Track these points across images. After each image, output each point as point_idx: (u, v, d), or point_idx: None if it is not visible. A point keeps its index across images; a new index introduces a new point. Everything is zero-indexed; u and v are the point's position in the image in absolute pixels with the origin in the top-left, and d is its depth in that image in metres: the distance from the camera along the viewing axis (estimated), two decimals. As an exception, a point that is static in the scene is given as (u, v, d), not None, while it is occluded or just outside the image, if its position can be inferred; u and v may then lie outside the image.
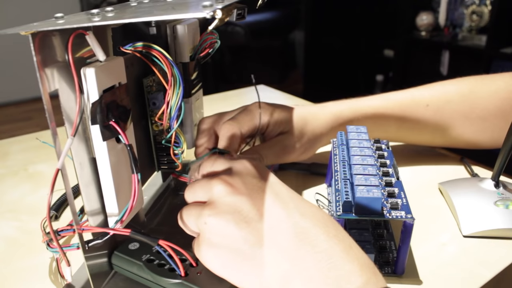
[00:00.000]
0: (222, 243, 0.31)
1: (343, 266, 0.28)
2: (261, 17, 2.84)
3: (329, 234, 0.30)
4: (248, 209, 0.31)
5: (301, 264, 0.29)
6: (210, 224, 0.31)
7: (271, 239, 0.30)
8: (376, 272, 0.29)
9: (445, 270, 0.40)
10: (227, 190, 0.32)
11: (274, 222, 0.30)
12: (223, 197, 0.32)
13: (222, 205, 0.31)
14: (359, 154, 0.42)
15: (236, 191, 0.32)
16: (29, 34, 0.27)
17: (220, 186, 0.32)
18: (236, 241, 0.30)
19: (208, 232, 0.32)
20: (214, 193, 0.32)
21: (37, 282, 0.40)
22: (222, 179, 0.32)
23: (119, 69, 0.35)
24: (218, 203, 0.32)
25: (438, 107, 0.54)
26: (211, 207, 0.32)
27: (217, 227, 0.31)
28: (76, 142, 0.32)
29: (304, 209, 0.31)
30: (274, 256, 0.30)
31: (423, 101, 0.54)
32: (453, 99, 0.54)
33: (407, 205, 0.38)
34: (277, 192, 0.32)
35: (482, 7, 2.16)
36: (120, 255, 0.37)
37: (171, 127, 0.41)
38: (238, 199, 0.31)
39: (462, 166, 0.59)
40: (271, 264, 0.30)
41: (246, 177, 0.33)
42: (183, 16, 0.27)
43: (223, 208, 0.31)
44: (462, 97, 0.54)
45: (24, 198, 0.56)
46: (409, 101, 0.54)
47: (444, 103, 0.54)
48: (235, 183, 0.32)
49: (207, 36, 0.48)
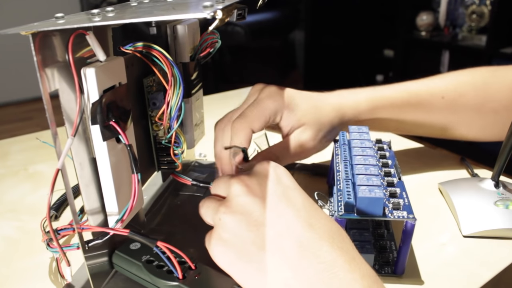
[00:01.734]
0: (231, 242, 0.32)
1: (344, 276, 0.28)
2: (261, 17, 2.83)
3: (333, 246, 0.30)
4: (260, 213, 0.31)
5: (303, 273, 0.29)
6: (224, 221, 0.32)
7: (276, 246, 0.30)
8: (377, 281, 0.29)
9: (445, 270, 0.40)
10: (243, 190, 0.32)
11: (282, 229, 0.31)
12: (238, 196, 0.32)
13: (237, 204, 0.32)
14: (361, 154, 0.42)
15: (252, 193, 0.32)
16: (30, 34, 0.27)
17: (237, 186, 0.33)
18: (244, 243, 0.31)
19: (221, 228, 0.32)
20: (231, 191, 0.33)
21: (37, 282, 0.40)
22: (241, 180, 0.33)
23: (119, 69, 0.35)
24: (233, 202, 0.33)
25: (453, 99, 0.52)
26: (226, 205, 0.33)
27: (229, 225, 0.32)
28: (76, 142, 0.32)
29: (314, 219, 0.31)
30: (278, 263, 0.30)
31: (438, 94, 0.52)
32: (467, 92, 0.53)
33: (409, 205, 0.38)
34: (291, 199, 0.32)
35: (482, 7, 2.16)
36: (121, 254, 0.37)
37: (171, 127, 0.41)
38: (252, 201, 0.32)
39: (462, 166, 0.59)
40: (274, 270, 0.30)
41: (263, 180, 0.33)
42: (184, 16, 0.27)
43: (237, 208, 0.32)
44: (475, 90, 0.53)
45: (24, 198, 0.56)
46: (425, 93, 0.52)
47: (459, 96, 0.52)
48: (252, 184, 0.33)
49: (207, 36, 0.48)
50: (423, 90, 0.53)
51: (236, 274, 0.32)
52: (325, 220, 0.32)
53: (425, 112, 0.53)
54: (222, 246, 0.32)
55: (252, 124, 0.43)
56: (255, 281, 0.31)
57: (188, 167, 0.56)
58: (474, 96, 0.53)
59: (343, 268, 0.29)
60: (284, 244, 0.30)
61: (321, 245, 0.30)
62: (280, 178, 0.34)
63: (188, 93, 0.48)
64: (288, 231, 0.30)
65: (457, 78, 0.54)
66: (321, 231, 0.31)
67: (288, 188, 0.33)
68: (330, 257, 0.29)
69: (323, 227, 0.31)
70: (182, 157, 0.44)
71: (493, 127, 0.54)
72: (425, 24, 2.36)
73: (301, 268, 0.29)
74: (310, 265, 0.29)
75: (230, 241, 0.32)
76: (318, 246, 0.30)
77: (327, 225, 0.31)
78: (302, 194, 0.33)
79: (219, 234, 0.32)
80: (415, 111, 0.53)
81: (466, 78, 0.54)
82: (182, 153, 0.44)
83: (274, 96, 0.46)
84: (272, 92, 0.46)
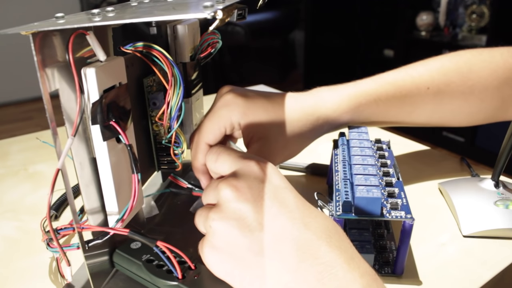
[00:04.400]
0: (225, 250, 0.31)
1: (343, 276, 0.28)
2: (261, 17, 2.84)
3: (331, 246, 0.29)
4: (253, 218, 0.30)
5: (302, 276, 0.29)
6: (214, 228, 0.31)
7: (273, 250, 0.30)
8: (376, 279, 0.29)
9: (444, 270, 0.40)
10: (233, 195, 0.31)
11: (277, 233, 0.30)
12: (228, 202, 0.31)
13: (228, 210, 0.31)
14: (359, 154, 0.42)
15: (242, 197, 0.31)
16: (30, 34, 0.27)
17: (226, 191, 0.31)
18: (239, 249, 0.30)
19: (212, 236, 0.32)
20: (221, 196, 0.32)
21: (37, 282, 0.40)
22: (229, 183, 0.32)
23: (120, 69, 0.35)
24: (223, 208, 0.31)
25: (438, 89, 0.50)
26: (216, 211, 0.32)
27: (221, 232, 0.31)
28: (76, 142, 0.32)
29: (309, 219, 0.31)
30: (276, 267, 0.30)
31: (423, 84, 0.50)
32: (452, 80, 0.51)
33: (407, 205, 0.38)
34: (283, 200, 0.31)
35: (482, 7, 2.16)
36: (121, 253, 0.37)
37: (171, 127, 0.41)
38: (244, 206, 0.31)
39: (462, 166, 0.59)
40: (273, 276, 0.30)
41: (253, 181, 0.32)
42: (184, 16, 0.27)
43: (228, 214, 0.31)
44: (461, 77, 0.51)
45: (24, 198, 0.56)
46: (410, 84, 0.50)
47: (444, 85, 0.50)
48: (241, 187, 0.31)
49: (208, 36, 0.48)
50: (408, 82, 0.50)
51: (234, 282, 0.31)
52: (320, 218, 0.31)
53: (410, 104, 0.50)
54: (216, 255, 0.31)
55: (207, 137, 0.42)
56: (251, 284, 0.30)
57: (188, 167, 0.56)
58: (460, 85, 0.51)
59: (342, 268, 0.28)
60: (281, 248, 0.30)
61: (319, 246, 0.29)
62: (269, 177, 0.32)
63: (188, 93, 0.48)
64: (284, 234, 0.30)
65: (442, 65, 0.52)
66: (318, 231, 0.30)
67: (279, 188, 0.32)
68: (328, 258, 0.29)
69: (320, 226, 0.31)
70: (182, 157, 0.44)
71: (478, 114, 0.53)
72: (425, 24, 2.36)
73: (300, 271, 0.29)
74: (309, 267, 0.29)
75: (224, 249, 0.31)
76: (316, 247, 0.29)
77: (323, 224, 0.31)
78: (293, 193, 0.32)
79: (210, 242, 0.31)
80: (400, 104, 0.50)
81: (451, 65, 0.51)
82: (182, 153, 0.44)
83: (230, 105, 0.42)
84: (229, 100, 0.42)
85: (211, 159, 0.36)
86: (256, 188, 0.31)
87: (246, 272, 0.30)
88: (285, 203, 0.31)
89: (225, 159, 0.35)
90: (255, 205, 0.31)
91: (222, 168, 0.35)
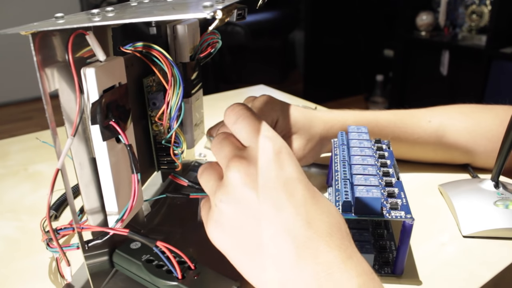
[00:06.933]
0: (229, 231, 0.31)
1: (340, 276, 0.28)
2: (261, 17, 2.84)
3: (331, 245, 0.29)
4: (257, 208, 0.30)
5: (299, 274, 0.29)
6: (220, 208, 0.31)
7: (274, 245, 0.30)
8: (374, 278, 0.29)
9: (444, 270, 0.40)
10: (242, 180, 0.30)
11: (279, 228, 0.30)
12: (237, 186, 0.31)
13: (235, 194, 0.31)
14: (359, 154, 0.42)
15: (250, 184, 0.30)
16: (29, 34, 0.27)
17: (235, 174, 0.31)
18: (242, 235, 0.31)
19: (218, 214, 0.32)
20: (229, 176, 0.31)
21: (37, 282, 0.40)
22: (239, 166, 0.31)
23: (119, 69, 0.35)
24: (230, 189, 0.31)
25: (440, 122, 0.56)
26: (224, 192, 0.31)
27: (226, 214, 0.31)
28: (76, 142, 0.32)
29: (313, 215, 0.31)
30: (274, 262, 0.30)
31: (425, 117, 0.56)
32: (455, 116, 0.56)
33: (407, 205, 0.38)
34: (291, 193, 0.31)
35: (482, 7, 2.16)
36: (121, 253, 0.37)
37: (171, 127, 0.41)
38: (250, 193, 0.30)
39: (462, 167, 0.59)
40: (271, 269, 0.30)
41: (264, 167, 0.31)
42: (184, 16, 0.27)
43: (236, 197, 0.31)
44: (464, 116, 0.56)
45: (24, 198, 0.56)
46: (409, 116, 0.56)
47: (447, 118, 0.56)
48: (250, 174, 0.31)
49: (207, 36, 0.48)
50: (408, 113, 0.57)
51: (232, 259, 0.32)
52: (325, 215, 0.31)
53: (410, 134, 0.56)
54: (220, 232, 0.32)
55: None
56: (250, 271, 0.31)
57: (188, 167, 0.56)
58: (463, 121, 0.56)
59: (339, 269, 0.28)
60: (281, 243, 0.30)
61: (319, 245, 0.29)
62: (282, 165, 0.31)
63: (188, 93, 0.48)
64: (286, 230, 0.30)
65: (444, 107, 0.58)
66: (320, 229, 0.30)
67: (289, 179, 0.31)
68: (327, 258, 0.29)
69: (322, 224, 0.30)
70: (182, 157, 0.44)
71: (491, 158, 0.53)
72: (425, 24, 2.36)
73: (298, 269, 0.29)
74: (307, 266, 0.29)
75: (228, 229, 0.31)
76: (315, 246, 0.29)
77: (326, 222, 0.31)
78: (303, 184, 0.31)
79: (216, 218, 0.32)
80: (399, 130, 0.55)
81: (453, 108, 0.58)
82: (182, 153, 0.44)
83: (272, 103, 0.49)
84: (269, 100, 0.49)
85: (230, 118, 0.34)
86: (266, 176, 0.31)
87: (244, 257, 0.31)
88: (293, 197, 0.31)
89: (244, 125, 0.33)
90: (262, 194, 0.30)
91: (239, 133, 0.33)
